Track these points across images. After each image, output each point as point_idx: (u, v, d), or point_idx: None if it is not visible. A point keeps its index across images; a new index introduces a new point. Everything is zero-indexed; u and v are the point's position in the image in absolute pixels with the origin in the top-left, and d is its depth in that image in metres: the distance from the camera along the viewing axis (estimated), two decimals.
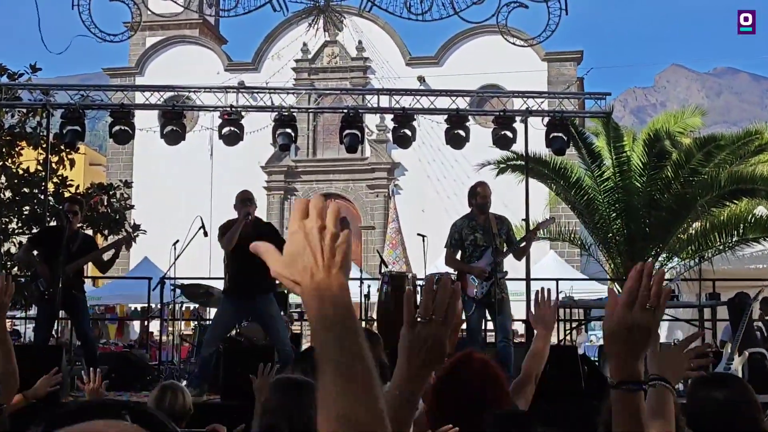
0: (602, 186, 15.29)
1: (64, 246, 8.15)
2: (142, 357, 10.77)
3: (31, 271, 8.54)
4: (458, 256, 8.50)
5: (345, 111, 12.01)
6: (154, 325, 17.98)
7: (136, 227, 14.79)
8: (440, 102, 12.34)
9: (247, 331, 9.31)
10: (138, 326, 23.78)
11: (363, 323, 12.00)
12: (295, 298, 13.83)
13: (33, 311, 11.18)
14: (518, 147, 12.91)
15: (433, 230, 12.77)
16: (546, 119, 11.68)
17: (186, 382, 7.70)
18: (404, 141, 12.00)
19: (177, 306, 11.90)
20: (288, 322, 9.78)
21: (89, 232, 13.08)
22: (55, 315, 8.52)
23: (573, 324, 12.36)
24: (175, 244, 9.80)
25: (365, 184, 29.06)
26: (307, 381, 2.94)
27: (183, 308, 14.30)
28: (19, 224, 14.75)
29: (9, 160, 14.94)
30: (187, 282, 10.75)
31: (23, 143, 14.94)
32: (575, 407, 6.24)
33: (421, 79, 28.22)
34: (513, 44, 13.70)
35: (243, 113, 11.93)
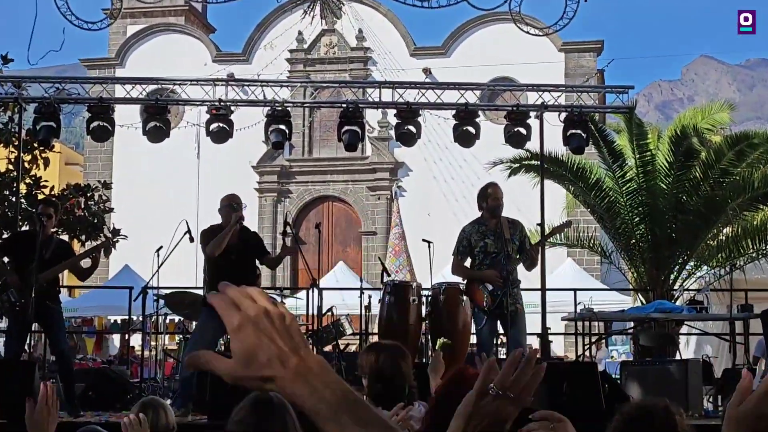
0: (624, 188, 15.28)
1: (37, 252, 8.14)
2: (123, 374, 10.76)
3: (1, 281, 8.54)
4: (467, 265, 8.49)
5: (344, 106, 12.02)
6: (136, 339, 17.99)
7: (116, 232, 14.79)
8: (448, 96, 12.34)
9: None
10: (118, 340, 23.77)
11: (362, 337, 12.00)
12: (290, 310, 13.82)
13: (3, 324, 11.18)
14: (533, 145, 12.90)
15: (440, 236, 12.75)
16: (563, 115, 11.68)
17: (170, 401, 7.70)
18: (408, 138, 11.99)
19: (160, 318, 11.90)
20: None
21: (65, 238, 13.08)
22: (28, 328, 8.51)
23: (592, 338, 12.34)
24: (159, 251, 9.80)
25: (366, 186, 29.07)
26: (282, 400, 2.93)
27: (167, 320, 14.28)
28: None
29: None
30: (172, 292, 10.75)
31: None
32: (595, 430, 6.22)
33: (427, 71, 28.24)
34: (527, 33, 13.70)
35: (233, 108, 11.94)
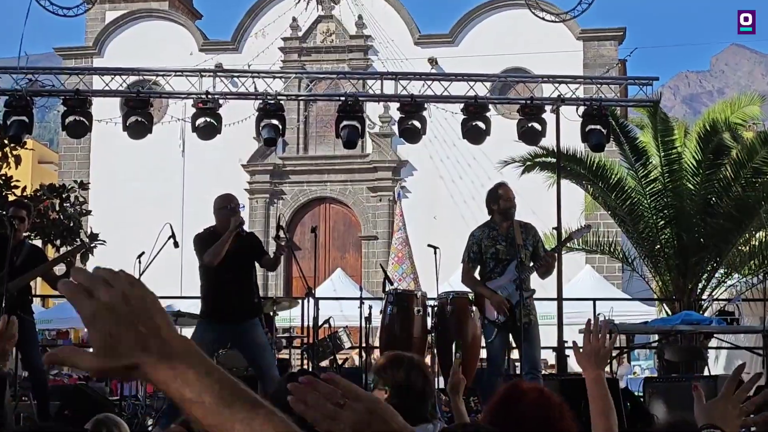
0: (648, 188, 15.28)
1: (7, 259, 8.15)
2: (101, 390, 10.78)
3: None
4: (477, 273, 8.49)
5: (342, 99, 12.02)
6: None
7: (94, 236, 14.80)
8: (455, 88, 12.34)
9: (227, 360, 9.31)
10: None
11: (362, 351, 11.98)
12: (283, 322, 13.83)
13: None
14: (548, 142, 12.90)
15: (447, 241, 12.77)
16: (581, 109, 11.68)
17: (153, 421, 7.71)
18: (412, 135, 11.99)
19: None
20: (274, 349, 9.77)
21: (37, 243, 13.09)
22: None
23: (613, 353, 12.33)
24: (140, 257, 9.80)
25: (366, 186, 29.08)
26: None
27: None
28: None
29: None
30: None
31: None
32: None
33: (433, 61, 28.25)
34: (542, 19, 13.71)
35: (221, 101, 11.95)
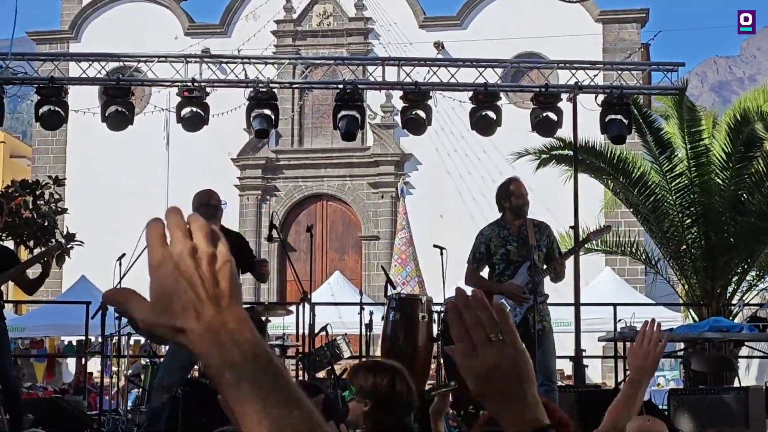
0: (673, 184, 15.27)
1: None
2: (79, 405, 10.79)
3: None
4: (485, 275, 8.48)
5: (340, 87, 12.03)
6: (94, 364, 17.99)
7: (70, 237, 14.81)
8: (463, 75, 12.34)
9: None
10: (73, 365, 23.79)
11: (362, 361, 11.99)
12: (276, 329, 13.83)
13: None
14: (565, 133, 12.89)
15: (455, 241, 12.74)
16: (601, 97, 11.68)
17: None
18: (417, 126, 11.99)
19: (123, 339, 11.92)
20: None
21: (9, 244, 13.10)
22: None
23: None
24: (121, 259, 9.81)
25: (366, 182, 29.08)
26: None
27: (131, 342, 14.31)
28: None
29: None
30: None
31: None
32: None
33: (439, 46, 28.25)
34: (558, 0, 13.66)
35: (208, 89, 11.95)
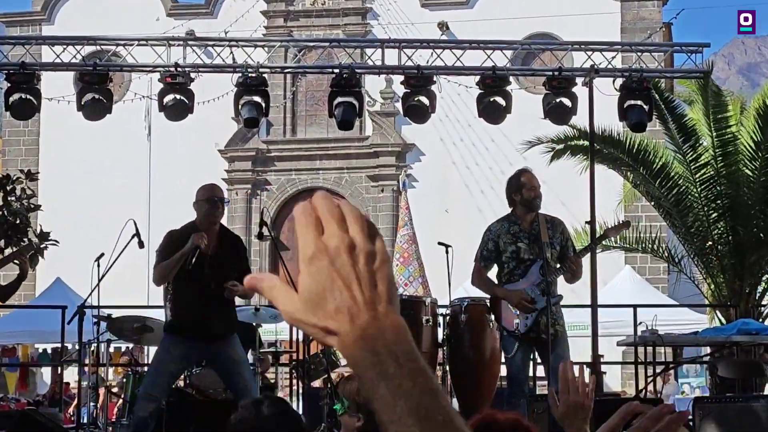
0: (698, 174, 15.28)
1: None
2: (54, 417, 10.77)
3: None
4: (495, 275, 8.49)
5: (336, 71, 12.02)
6: (71, 373, 17.99)
7: (44, 236, 14.80)
8: (470, 58, 12.33)
9: (200, 381, 9.32)
10: (48, 375, 23.81)
11: None
12: (268, 335, 13.84)
13: None
14: (580, 120, 12.89)
15: (461, 238, 12.76)
16: (619, 81, 11.67)
17: None
18: (420, 113, 11.99)
19: (102, 346, 11.91)
20: (258, 367, 9.79)
21: None
22: None
23: (657, 369, 12.35)
24: (99, 259, 9.81)
25: (365, 175, 29.09)
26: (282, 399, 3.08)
27: (111, 349, 14.30)
28: None
29: None
30: (117, 312, 10.76)
31: None
32: None
33: (444, 26, 28.24)
34: None
35: (193, 75, 11.94)
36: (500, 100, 11.74)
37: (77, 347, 11.11)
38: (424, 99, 11.85)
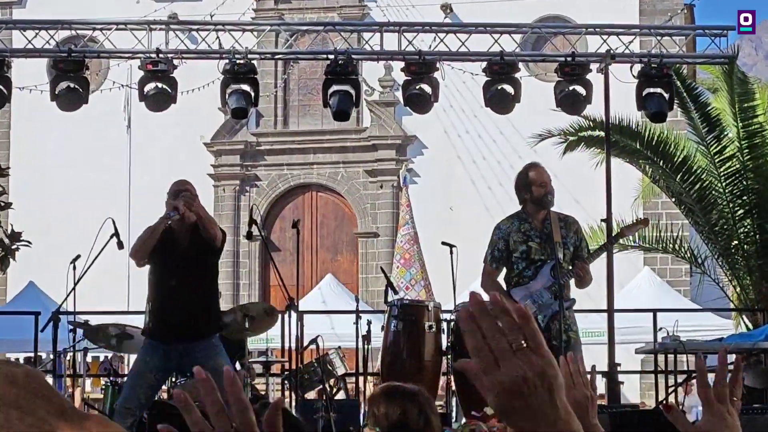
0: (723, 168, 15.29)
1: None
2: None
3: None
4: (503, 277, 8.48)
5: (331, 57, 12.02)
6: None
7: (16, 236, 14.82)
8: (476, 42, 12.33)
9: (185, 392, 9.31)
10: None
11: (359, 378, 12.02)
12: (257, 343, 13.84)
13: None
14: (595, 110, 12.89)
15: (466, 238, 12.78)
16: (637, 68, 11.67)
17: None
18: (421, 103, 11.99)
19: (79, 354, 11.92)
20: (247, 377, 9.78)
21: None
22: None
23: (679, 378, 12.36)
24: (75, 262, 9.81)
25: (363, 170, 29.07)
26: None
27: (88, 358, 14.31)
28: None
29: None
30: (94, 318, 10.76)
31: None
32: None
33: (447, 8, 28.23)
34: None
35: (176, 62, 11.94)
36: (509, 89, 11.74)
37: (52, 357, 11.09)
38: (427, 87, 11.84)
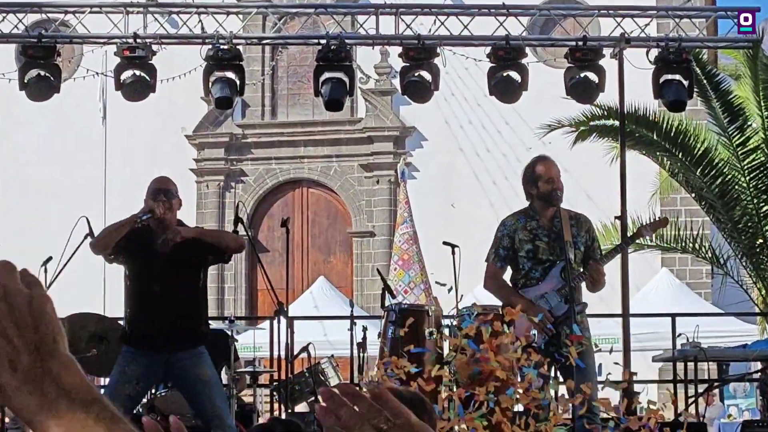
0: (747, 161, 15.29)
1: None
2: None
3: None
4: (508, 278, 8.49)
5: (323, 42, 12.02)
6: None
7: None
8: (479, 25, 12.33)
9: (165, 404, 9.32)
10: None
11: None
12: (245, 351, 13.82)
13: None
14: (608, 98, 12.89)
15: (470, 237, 12.78)
16: (654, 52, 11.67)
17: None
18: (421, 91, 11.99)
19: None
20: (233, 387, 9.78)
21: None
22: None
23: (700, 388, 12.38)
24: (47, 263, 9.82)
25: (358, 164, 29.08)
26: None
27: None
28: None
29: None
30: (67, 323, 10.75)
31: None
32: None
33: None
34: None
35: (155, 47, 11.94)
36: (515, 75, 11.74)
37: None
38: (426, 74, 11.85)
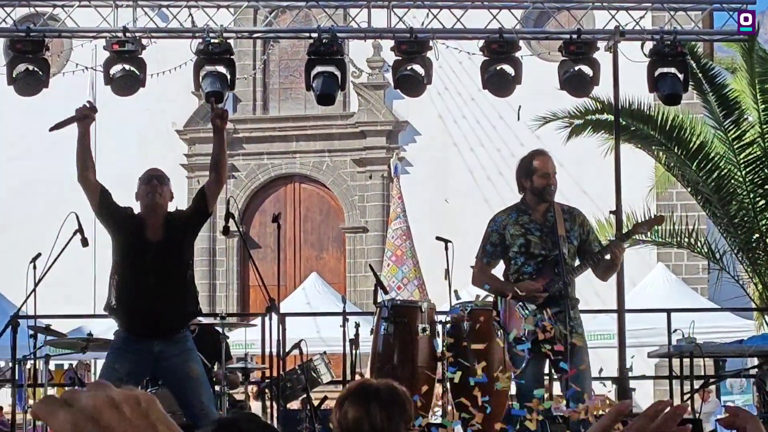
0: (743, 155, 15.30)
1: None
2: None
3: None
4: (501, 273, 8.50)
5: (315, 36, 12.02)
6: (4, 395, 18.00)
7: None
8: (472, 18, 12.33)
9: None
10: None
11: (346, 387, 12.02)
12: (236, 348, 13.83)
13: None
14: (603, 91, 12.90)
15: (463, 232, 12.78)
16: (649, 45, 11.68)
17: None
18: (414, 85, 11.99)
19: (40, 362, 11.92)
20: (223, 383, 9.74)
21: None
22: None
23: (696, 384, 12.39)
24: (35, 261, 9.81)
25: (350, 159, 29.08)
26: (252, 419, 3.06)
27: (51, 366, 14.31)
28: None
29: None
30: (57, 322, 10.75)
31: None
32: None
33: None
34: None
35: (145, 41, 11.93)
36: (509, 69, 11.75)
37: (10, 365, 11.09)
38: (419, 68, 11.84)
